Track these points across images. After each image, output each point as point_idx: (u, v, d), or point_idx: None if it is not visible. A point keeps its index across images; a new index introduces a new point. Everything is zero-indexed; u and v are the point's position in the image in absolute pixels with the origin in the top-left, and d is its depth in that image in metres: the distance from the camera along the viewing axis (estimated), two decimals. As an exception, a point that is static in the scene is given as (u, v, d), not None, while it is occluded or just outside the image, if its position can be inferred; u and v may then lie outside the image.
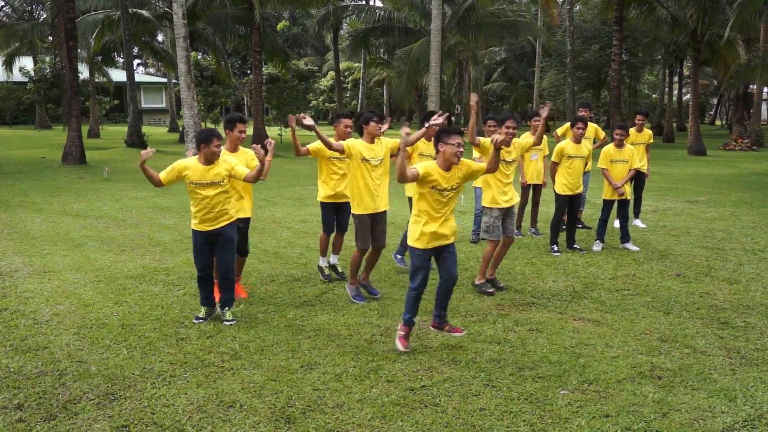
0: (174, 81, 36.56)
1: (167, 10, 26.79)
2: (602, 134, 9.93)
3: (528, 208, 9.67)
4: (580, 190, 8.47)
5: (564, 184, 8.36)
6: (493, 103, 57.00)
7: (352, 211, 6.43)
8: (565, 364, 4.82)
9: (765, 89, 28.05)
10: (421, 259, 5.09)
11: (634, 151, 8.65)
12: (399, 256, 7.72)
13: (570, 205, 8.48)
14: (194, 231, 5.70)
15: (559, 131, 9.77)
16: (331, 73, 46.78)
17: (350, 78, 50.94)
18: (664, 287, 6.87)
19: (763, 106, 32.38)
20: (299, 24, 60.64)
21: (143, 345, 5.20)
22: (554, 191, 8.53)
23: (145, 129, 28.38)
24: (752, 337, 5.42)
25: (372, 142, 6.33)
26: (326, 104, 51.07)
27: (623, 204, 8.62)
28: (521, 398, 4.29)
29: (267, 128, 27.19)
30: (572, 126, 8.38)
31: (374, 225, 6.41)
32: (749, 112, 33.33)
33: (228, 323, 5.66)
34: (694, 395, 4.35)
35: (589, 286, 6.95)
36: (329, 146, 6.32)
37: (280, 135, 31.11)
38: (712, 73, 45.89)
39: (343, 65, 49.78)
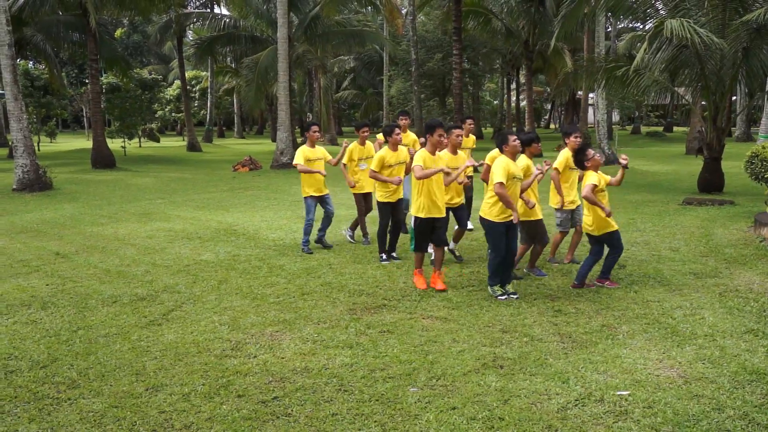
0: (0, 92, 33.52)
1: (-11, 15, 24.47)
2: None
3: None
4: (400, 196, 8.62)
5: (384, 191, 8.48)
6: (345, 111, 57.83)
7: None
8: (415, 362, 4.98)
9: (590, 95, 30.64)
10: None
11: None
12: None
13: (393, 212, 8.53)
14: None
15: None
16: (178, 82, 45.09)
17: (198, 87, 49.48)
18: (505, 281, 7.27)
19: (590, 110, 35.37)
20: (140, 31, 57.99)
21: (-36, 382, 4.71)
22: (377, 200, 8.59)
23: (-34, 145, 25.79)
24: (582, 321, 5.89)
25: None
26: (173, 114, 49.20)
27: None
28: (372, 399, 4.36)
29: (109, 141, 25.57)
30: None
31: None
32: (578, 116, 36.35)
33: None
34: (532, 380, 4.65)
35: (437, 285, 7.20)
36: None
37: (124, 148, 29.55)
38: (545, 80, 49.57)
39: (190, 74, 48.22)
